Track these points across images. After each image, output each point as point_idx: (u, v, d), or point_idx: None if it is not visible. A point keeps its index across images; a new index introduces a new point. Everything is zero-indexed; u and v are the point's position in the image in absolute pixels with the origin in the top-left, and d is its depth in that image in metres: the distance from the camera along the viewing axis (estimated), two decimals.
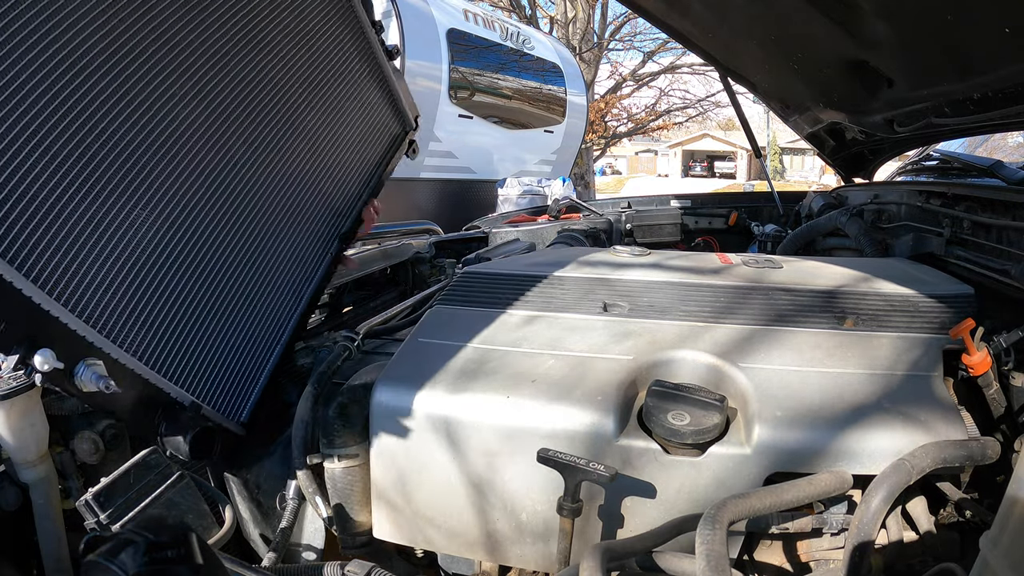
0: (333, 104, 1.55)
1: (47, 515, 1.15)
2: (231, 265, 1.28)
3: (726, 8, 1.81)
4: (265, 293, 1.36)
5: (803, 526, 1.00)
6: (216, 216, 1.25)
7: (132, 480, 0.96)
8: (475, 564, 1.19)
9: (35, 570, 1.19)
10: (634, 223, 3.22)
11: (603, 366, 1.13)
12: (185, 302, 1.19)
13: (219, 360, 1.25)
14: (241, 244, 1.30)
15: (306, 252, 1.48)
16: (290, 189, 1.43)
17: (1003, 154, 2.57)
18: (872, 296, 1.30)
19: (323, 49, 1.49)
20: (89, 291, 1.04)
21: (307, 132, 1.47)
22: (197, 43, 1.21)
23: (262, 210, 1.35)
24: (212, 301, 1.24)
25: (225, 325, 1.27)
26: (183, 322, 1.19)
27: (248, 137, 1.32)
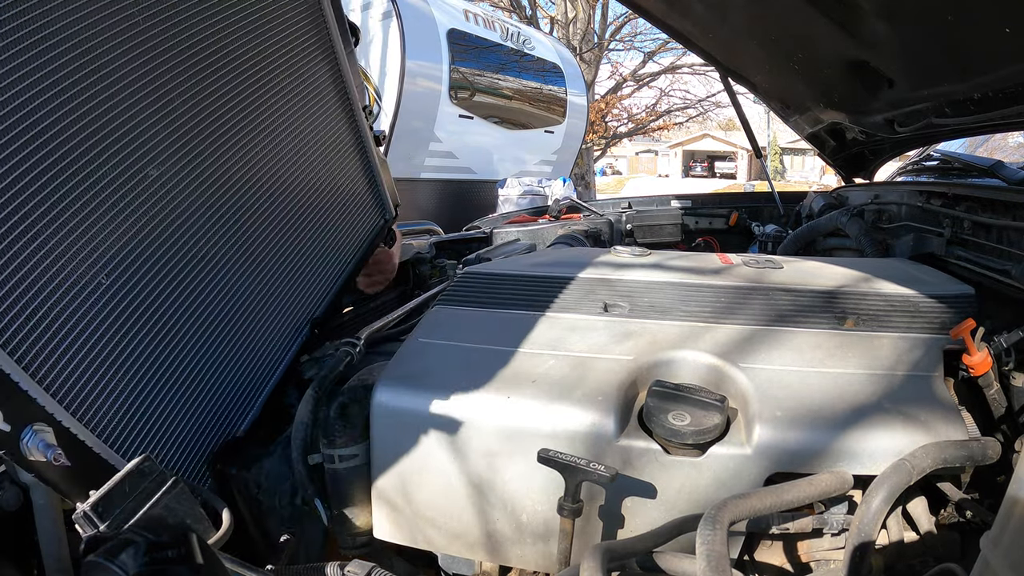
0: (319, 188, 1.52)
1: (48, 515, 1.15)
2: (200, 336, 1.23)
3: (726, 8, 1.82)
4: (232, 370, 1.30)
5: (804, 526, 1.00)
6: (188, 289, 1.21)
7: (128, 489, 0.96)
8: (475, 564, 1.19)
9: (35, 570, 1.19)
10: (634, 223, 3.22)
11: (603, 366, 1.13)
12: (149, 371, 1.12)
13: (183, 437, 1.19)
14: (210, 318, 1.26)
15: (277, 335, 1.41)
16: (266, 270, 1.39)
17: (1003, 154, 2.56)
18: (873, 296, 1.30)
19: (318, 130, 1.49)
20: (46, 352, 0.97)
21: (290, 215, 1.43)
22: (194, 119, 1.20)
23: (233, 287, 1.31)
24: (179, 370, 1.19)
25: (192, 394, 1.21)
26: (145, 393, 1.12)
27: (227, 214, 1.28)
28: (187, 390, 1.21)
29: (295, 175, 1.46)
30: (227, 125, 1.29)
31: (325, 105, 1.54)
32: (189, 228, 1.22)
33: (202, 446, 1.24)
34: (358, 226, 1.68)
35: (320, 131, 1.52)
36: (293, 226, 1.46)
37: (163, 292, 1.17)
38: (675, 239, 3.19)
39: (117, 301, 1.09)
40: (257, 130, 1.35)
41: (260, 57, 1.35)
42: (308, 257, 1.51)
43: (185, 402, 1.20)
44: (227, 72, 1.28)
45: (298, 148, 1.45)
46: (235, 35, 1.30)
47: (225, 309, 1.29)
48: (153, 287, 1.15)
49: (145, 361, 1.13)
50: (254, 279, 1.36)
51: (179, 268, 1.20)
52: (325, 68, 1.53)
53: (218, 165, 1.27)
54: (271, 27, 1.37)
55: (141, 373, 1.13)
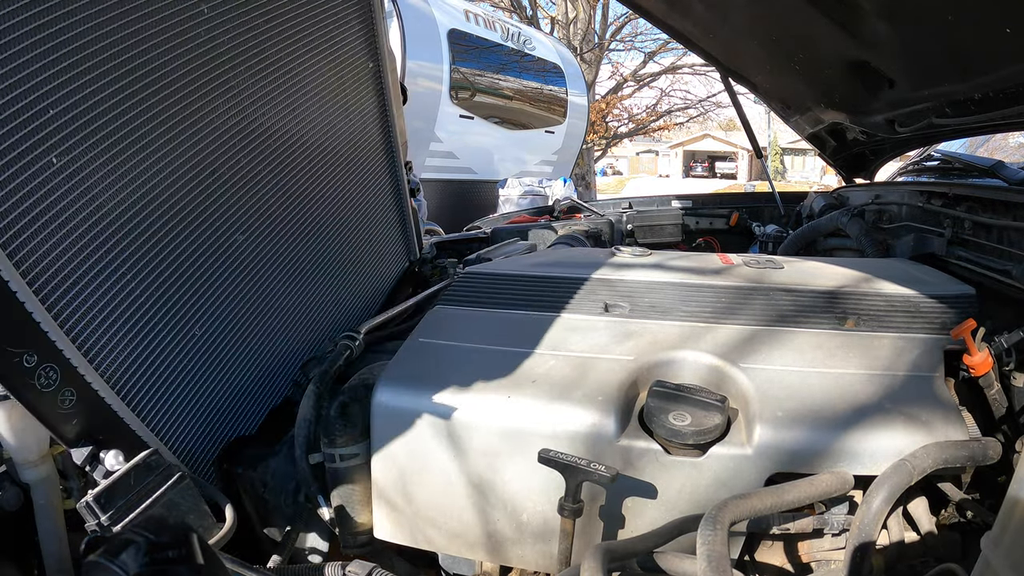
0: (358, 225, 1.66)
1: (48, 515, 1.16)
2: (237, 334, 1.32)
3: (727, 8, 1.82)
4: (260, 366, 1.38)
5: (804, 527, 1.00)
6: (238, 291, 1.32)
7: (132, 482, 0.96)
8: (476, 565, 1.19)
9: (36, 570, 1.19)
10: (635, 223, 3.22)
11: (604, 367, 1.13)
12: (196, 358, 1.21)
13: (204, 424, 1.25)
14: (251, 318, 1.35)
15: (303, 345, 1.48)
16: (303, 285, 1.48)
17: (1004, 154, 2.56)
18: (873, 296, 1.30)
19: (365, 179, 1.64)
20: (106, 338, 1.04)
21: (329, 241, 1.54)
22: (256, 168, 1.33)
23: (273, 295, 1.41)
24: (218, 360, 1.27)
25: (223, 383, 1.29)
26: (189, 377, 1.20)
27: (279, 228, 1.40)
28: (220, 377, 1.28)
29: (339, 210, 1.58)
30: (297, 169, 1.44)
31: (374, 158, 1.70)
32: (246, 235, 1.33)
33: (219, 437, 1.28)
34: (387, 262, 1.84)
35: (366, 179, 1.67)
36: (331, 250, 1.58)
37: (215, 290, 1.26)
38: (676, 239, 3.19)
39: (172, 293, 1.16)
40: (318, 170, 1.49)
41: (330, 113, 1.51)
42: (340, 280, 1.62)
43: (216, 389, 1.27)
44: (304, 144, 1.44)
45: (346, 188, 1.60)
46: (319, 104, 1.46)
47: (263, 313, 1.38)
48: (209, 286, 1.24)
49: (193, 348, 1.21)
50: (293, 291, 1.46)
51: (231, 271, 1.30)
52: (377, 127, 1.69)
53: (282, 194, 1.41)
54: (342, 83, 1.54)
55: (188, 360, 1.20)
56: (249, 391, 1.35)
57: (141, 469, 0.97)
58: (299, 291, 1.47)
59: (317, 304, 1.53)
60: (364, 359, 1.41)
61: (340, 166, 1.54)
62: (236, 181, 1.28)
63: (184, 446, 1.19)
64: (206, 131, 1.21)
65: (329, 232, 1.55)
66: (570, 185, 6.30)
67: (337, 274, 1.60)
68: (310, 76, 1.41)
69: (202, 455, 1.24)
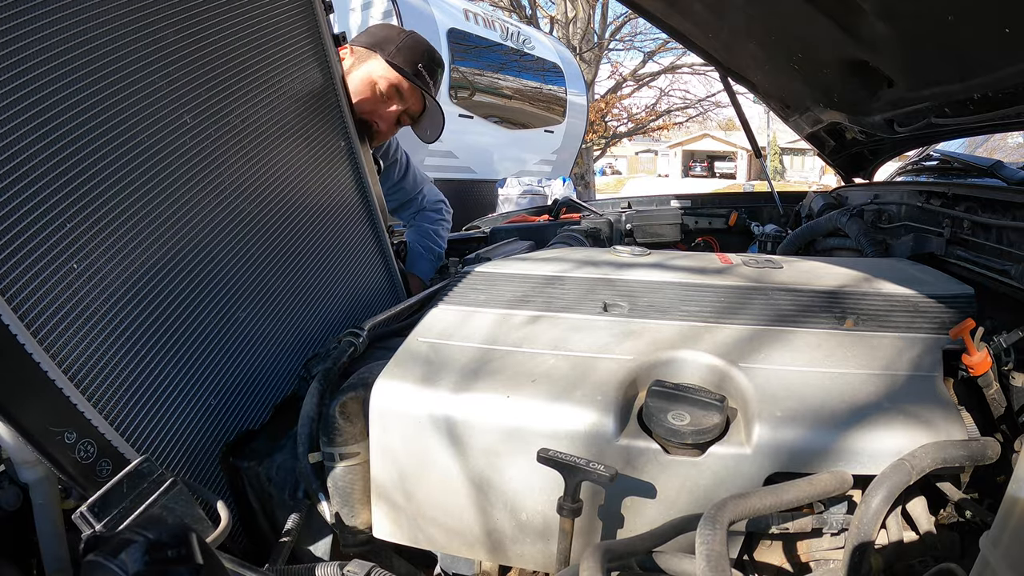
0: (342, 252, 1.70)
1: (47, 515, 1.16)
2: (231, 337, 1.33)
3: (726, 8, 1.82)
4: (256, 371, 1.38)
5: (803, 526, 1.00)
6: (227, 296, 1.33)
7: (125, 489, 0.96)
8: (475, 564, 1.19)
9: (35, 570, 1.19)
10: (634, 223, 3.22)
11: (603, 366, 1.13)
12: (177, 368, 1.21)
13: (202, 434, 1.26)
14: (243, 323, 1.35)
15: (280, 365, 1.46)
16: (296, 292, 1.50)
17: (1003, 154, 2.57)
18: (872, 296, 1.30)
19: (346, 234, 1.70)
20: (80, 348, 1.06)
21: (307, 266, 1.56)
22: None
23: (268, 303, 1.43)
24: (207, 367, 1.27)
25: (212, 392, 1.29)
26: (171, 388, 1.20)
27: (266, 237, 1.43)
28: (210, 386, 1.28)
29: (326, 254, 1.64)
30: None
31: (355, 217, 1.77)
32: (237, 242, 1.36)
33: (218, 440, 1.29)
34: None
35: (350, 236, 1.74)
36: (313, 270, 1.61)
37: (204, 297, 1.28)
38: (675, 239, 3.20)
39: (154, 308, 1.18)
40: (305, 230, 1.56)
41: (310, 184, 1.59)
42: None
43: (207, 399, 1.27)
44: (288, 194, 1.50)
45: (331, 240, 1.66)
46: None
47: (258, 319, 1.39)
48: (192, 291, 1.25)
49: (177, 359, 1.21)
50: (289, 294, 1.47)
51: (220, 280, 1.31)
52: (355, 193, 1.76)
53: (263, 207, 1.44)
54: (317, 161, 1.63)
55: (169, 370, 1.20)
56: (254, 396, 1.36)
57: (133, 477, 0.97)
58: (296, 296, 1.51)
59: (315, 314, 1.56)
60: (368, 357, 1.41)
61: (326, 224, 1.63)
62: (239, 250, 1.36)
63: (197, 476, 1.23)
64: (206, 199, 1.29)
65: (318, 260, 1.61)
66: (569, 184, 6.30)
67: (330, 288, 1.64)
68: (289, 156, 1.51)
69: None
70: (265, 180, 1.43)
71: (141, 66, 1.15)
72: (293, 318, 1.47)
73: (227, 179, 1.33)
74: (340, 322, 1.62)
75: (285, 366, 1.43)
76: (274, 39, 1.44)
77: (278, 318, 1.43)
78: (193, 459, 1.22)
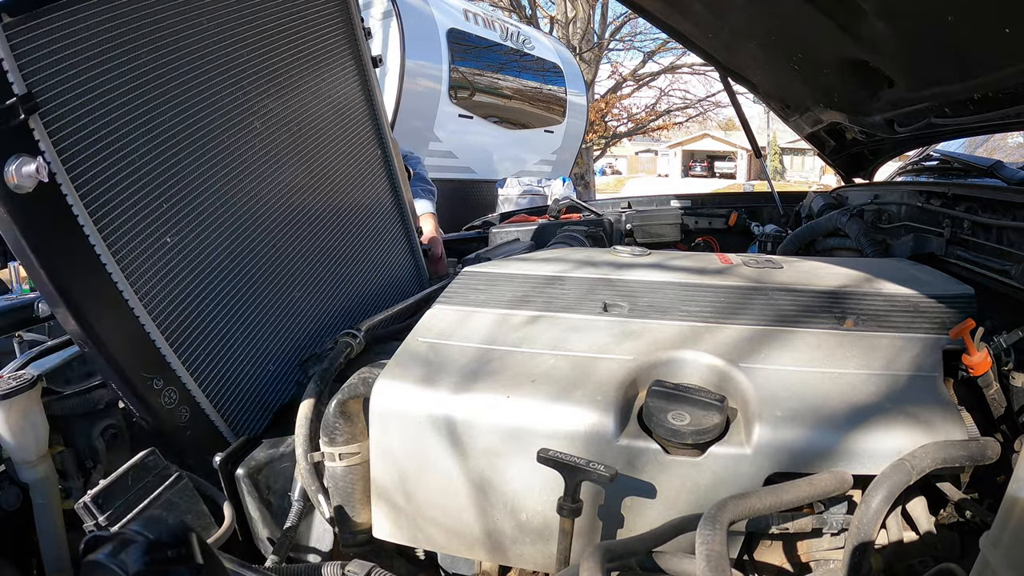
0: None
1: (47, 515, 1.16)
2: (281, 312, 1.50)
3: (726, 8, 1.81)
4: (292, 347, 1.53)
5: (803, 526, 1.00)
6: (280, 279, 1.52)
7: (130, 482, 0.96)
8: (475, 564, 1.19)
9: (35, 570, 1.19)
10: (634, 223, 3.22)
11: (603, 366, 1.13)
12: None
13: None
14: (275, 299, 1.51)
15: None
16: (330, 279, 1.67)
17: (1003, 154, 2.57)
18: (872, 296, 1.30)
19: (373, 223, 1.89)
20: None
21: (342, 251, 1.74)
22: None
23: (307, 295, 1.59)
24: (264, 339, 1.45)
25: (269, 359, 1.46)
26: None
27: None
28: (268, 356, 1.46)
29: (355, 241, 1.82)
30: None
31: (385, 212, 1.97)
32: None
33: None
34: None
35: (376, 225, 1.92)
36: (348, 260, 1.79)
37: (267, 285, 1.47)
38: (675, 239, 3.19)
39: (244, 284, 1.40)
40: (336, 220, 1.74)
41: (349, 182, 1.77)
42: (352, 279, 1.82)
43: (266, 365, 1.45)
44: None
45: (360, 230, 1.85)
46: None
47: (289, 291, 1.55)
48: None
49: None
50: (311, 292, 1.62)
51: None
52: (388, 191, 1.96)
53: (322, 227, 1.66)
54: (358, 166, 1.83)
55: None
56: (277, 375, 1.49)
57: (139, 469, 0.98)
58: (315, 295, 1.63)
59: (331, 301, 1.69)
60: (365, 357, 1.41)
61: (362, 220, 1.83)
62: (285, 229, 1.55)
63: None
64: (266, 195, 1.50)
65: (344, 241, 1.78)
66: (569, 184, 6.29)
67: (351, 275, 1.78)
68: (335, 159, 1.71)
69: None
70: (315, 179, 1.62)
71: (221, 80, 1.37)
72: (334, 299, 1.67)
73: (286, 176, 1.53)
74: (373, 304, 1.81)
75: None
76: (324, 60, 1.62)
77: (322, 298, 1.63)
78: (251, 415, 1.39)
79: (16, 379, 1.14)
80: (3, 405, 1.09)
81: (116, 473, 0.96)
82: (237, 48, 1.37)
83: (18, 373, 1.20)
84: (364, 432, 1.20)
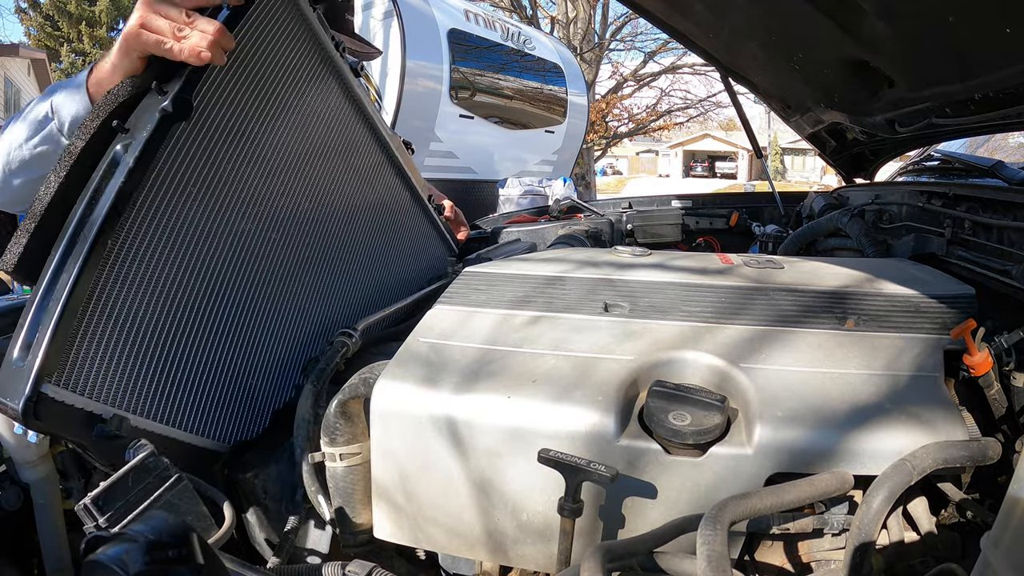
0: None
1: (48, 515, 1.16)
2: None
3: (727, 8, 1.81)
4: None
5: (804, 526, 1.00)
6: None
7: (130, 483, 0.96)
8: (476, 565, 1.19)
9: (36, 570, 1.19)
10: (635, 223, 3.22)
11: (604, 366, 1.13)
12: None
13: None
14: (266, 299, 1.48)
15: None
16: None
17: (1004, 154, 2.57)
18: (873, 296, 1.30)
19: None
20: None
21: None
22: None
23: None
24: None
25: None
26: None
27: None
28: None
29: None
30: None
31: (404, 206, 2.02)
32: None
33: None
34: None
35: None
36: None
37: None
38: (675, 239, 3.19)
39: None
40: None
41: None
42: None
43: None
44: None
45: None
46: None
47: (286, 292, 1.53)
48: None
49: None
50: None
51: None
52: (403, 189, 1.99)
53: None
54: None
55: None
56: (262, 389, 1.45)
57: (139, 471, 0.97)
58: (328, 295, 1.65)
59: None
60: (365, 357, 1.41)
61: (386, 220, 1.89)
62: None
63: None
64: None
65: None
66: (570, 185, 6.30)
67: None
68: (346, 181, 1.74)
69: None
70: (325, 193, 1.64)
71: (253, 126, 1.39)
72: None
73: (295, 202, 1.54)
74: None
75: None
76: (304, 88, 1.57)
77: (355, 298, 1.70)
78: (247, 419, 1.37)
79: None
80: None
81: (116, 475, 0.96)
82: (236, 111, 1.36)
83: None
84: (365, 432, 1.20)
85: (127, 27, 1.18)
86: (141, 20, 1.16)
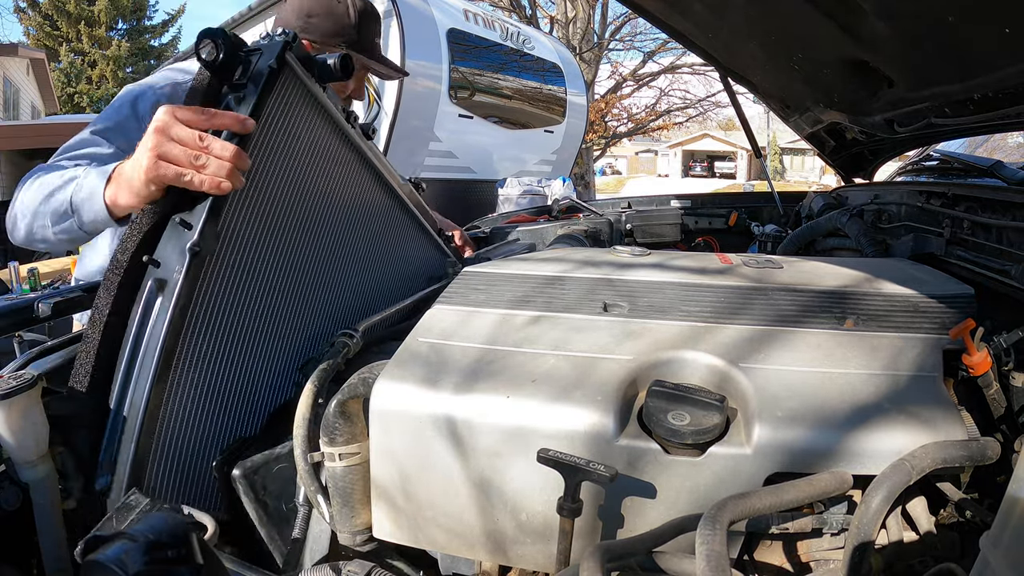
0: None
1: (47, 515, 1.16)
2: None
3: (726, 8, 1.81)
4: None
5: (803, 526, 1.00)
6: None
7: (115, 524, 0.96)
8: (475, 564, 1.19)
9: (35, 570, 1.19)
10: (634, 223, 3.22)
11: (603, 366, 1.13)
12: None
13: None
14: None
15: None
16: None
17: (1003, 154, 2.57)
18: (872, 296, 1.30)
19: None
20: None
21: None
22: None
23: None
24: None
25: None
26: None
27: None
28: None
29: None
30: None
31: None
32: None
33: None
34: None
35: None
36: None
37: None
38: (675, 239, 3.20)
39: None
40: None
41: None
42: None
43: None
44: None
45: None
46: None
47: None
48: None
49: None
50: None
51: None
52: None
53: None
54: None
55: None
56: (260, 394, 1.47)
57: (123, 510, 0.98)
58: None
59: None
60: (364, 357, 1.41)
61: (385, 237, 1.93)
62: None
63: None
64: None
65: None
66: (569, 184, 6.30)
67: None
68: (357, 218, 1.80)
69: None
70: (333, 223, 1.69)
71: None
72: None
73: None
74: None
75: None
76: (305, 142, 1.59)
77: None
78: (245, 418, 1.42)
79: (16, 379, 1.14)
80: (3, 405, 1.09)
81: (104, 519, 0.96)
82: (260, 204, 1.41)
83: (18, 373, 1.20)
84: (364, 432, 1.20)
85: (144, 158, 1.18)
86: (156, 151, 1.16)
